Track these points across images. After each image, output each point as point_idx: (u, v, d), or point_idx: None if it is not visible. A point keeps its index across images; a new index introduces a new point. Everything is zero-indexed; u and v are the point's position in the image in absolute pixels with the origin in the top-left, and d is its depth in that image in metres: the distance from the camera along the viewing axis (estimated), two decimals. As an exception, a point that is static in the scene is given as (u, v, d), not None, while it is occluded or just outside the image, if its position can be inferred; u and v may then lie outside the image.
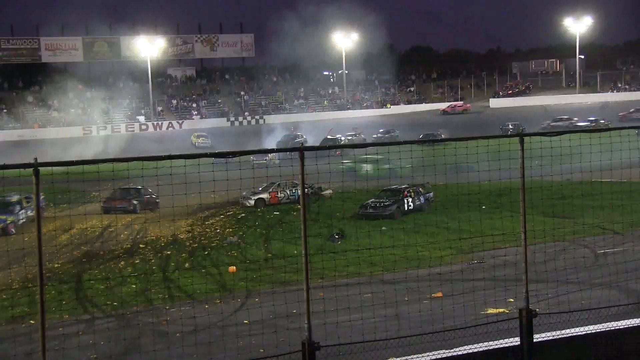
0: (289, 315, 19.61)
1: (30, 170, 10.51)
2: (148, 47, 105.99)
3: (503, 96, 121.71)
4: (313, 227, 34.67)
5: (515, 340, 12.94)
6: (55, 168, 11.84)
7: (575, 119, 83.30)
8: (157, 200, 40.64)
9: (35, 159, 10.73)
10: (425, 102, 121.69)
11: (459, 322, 16.08)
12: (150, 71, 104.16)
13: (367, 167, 42.24)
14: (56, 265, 30.65)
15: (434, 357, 12.67)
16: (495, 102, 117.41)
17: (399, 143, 14.11)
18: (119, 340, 20.55)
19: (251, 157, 47.87)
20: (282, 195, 44.15)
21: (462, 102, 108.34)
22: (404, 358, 13.24)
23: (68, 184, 13.14)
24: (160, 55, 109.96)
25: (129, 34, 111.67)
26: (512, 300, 19.75)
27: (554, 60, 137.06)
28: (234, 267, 30.08)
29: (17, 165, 10.92)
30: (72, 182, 12.69)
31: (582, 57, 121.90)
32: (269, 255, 32.38)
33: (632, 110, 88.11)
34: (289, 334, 16.72)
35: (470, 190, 30.62)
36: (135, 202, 42.40)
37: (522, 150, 12.95)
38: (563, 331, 13.51)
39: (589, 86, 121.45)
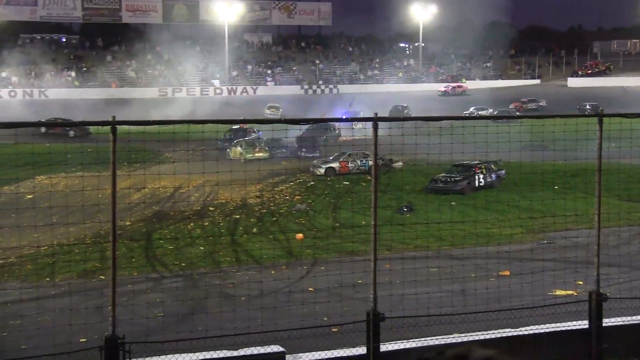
0: (355, 285, 19.65)
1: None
2: (226, 12, 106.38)
3: (582, 76, 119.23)
4: (382, 198, 34.54)
5: (583, 324, 12.75)
6: (132, 127, 11.99)
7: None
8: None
9: (113, 117, 10.87)
10: (502, 79, 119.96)
11: (526, 301, 15.92)
12: (227, 36, 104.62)
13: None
14: (127, 223, 31.16)
15: (499, 336, 12.56)
16: (573, 82, 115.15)
17: (474, 118, 13.95)
18: (186, 300, 20.83)
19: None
20: (353, 165, 44.07)
21: (460, 83, 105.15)
22: (468, 334, 13.15)
23: (144, 143, 13.30)
24: (237, 20, 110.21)
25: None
26: (581, 282, 19.50)
27: (637, 40, 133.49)
28: (302, 235, 30.20)
29: (96, 122, 11.08)
30: (148, 141, 12.84)
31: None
32: (337, 224, 32.41)
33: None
34: (353, 303, 16.76)
35: (544, 169, 30.15)
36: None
37: (601, 131, 12.69)
38: (634, 317, 13.27)
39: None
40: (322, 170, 43.44)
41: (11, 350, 15.08)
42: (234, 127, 51.93)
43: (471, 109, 74.50)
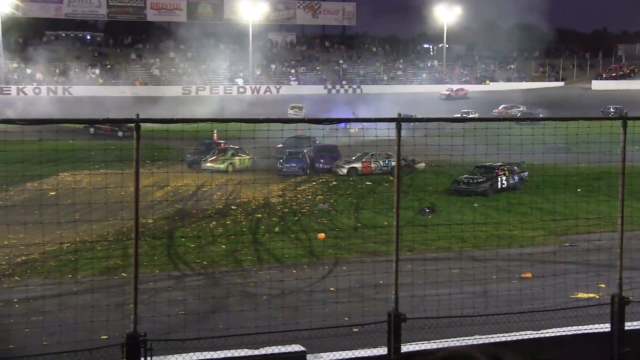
0: (376, 286, 19.62)
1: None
2: (251, 11, 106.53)
3: (606, 78, 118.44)
4: (404, 199, 34.46)
5: (605, 327, 12.67)
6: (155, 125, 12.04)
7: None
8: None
9: (137, 114, 10.90)
10: (525, 81, 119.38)
11: (548, 304, 15.84)
12: (251, 35, 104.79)
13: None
14: (150, 221, 31.28)
15: (520, 338, 12.50)
16: (597, 84, 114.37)
17: (497, 119, 13.86)
18: (207, 298, 20.88)
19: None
20: (375, 165, 44.01)
21: (462, 87, 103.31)
22: (489, 336, 13.10)
23: (167, 141, 13.35)
24: (262, 19, 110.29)
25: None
26: (603, 285, 19.36)
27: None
28: (324, 234, 30.20)
29: (120, 120, 11.13)
30: (171, 139, 12.88)
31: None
32: (359, 224, 32.40)
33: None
34: (375, 304, 16.70)
35: (567, 171, 29.98)
36: None
37: (625, 134, 12.61)
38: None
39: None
40: (345, 170, 43.46)
41: (33, 346, 15.17)
42: (206, 140, 46.88)
43: (501, 107, 73.93)
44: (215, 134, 46.43)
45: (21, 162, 15.68)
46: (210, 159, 44.75)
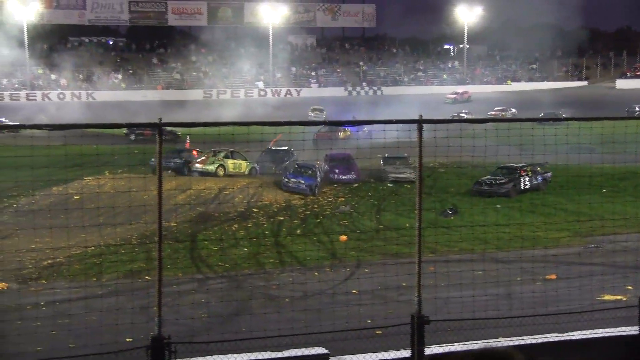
0: (399, 288, 19.59)
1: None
2: (271, 14, 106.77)
3: (631, 77, 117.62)
4: (426, 201, 34.40)
5: (633, 330, 12.57)
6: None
7: None
8: None
9: (160, 119, 10.94)
10: (548, 80, 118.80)
11: (574, 306, 15.76)
12: (271, 38, 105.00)
13: None
14: (172, 224, 31.38)
15: (546, 340, 12.43)
16: (622, 83, 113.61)
17: (520, 120, 13.79)
18: (230, 301, 20.92)
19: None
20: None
21: (467, 90, 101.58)
22: (514, 338, 13.04)
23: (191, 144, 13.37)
24: (282, 22, 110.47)
25: (253, 0, 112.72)
26: (630, 287, 19.22)
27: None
28: (345, 236, 30.17)
29: (142, 124, 11.18)
30: (194, 142, 12.92)
31: None
32: (380, 226, 32.35)
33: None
34: (398, 306, 16.71)
35: (592, 172, 29.80)
36: None
37: (650, 133, 12.53)
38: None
39: None
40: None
41: (60, 349, 15.23)
42: (178, 148, 42.69)
43: (495, 110, 73.30)
44: (188, 140, 42.81)
45: (47, 166, 15.81)
46: (199, 160, 41.35)
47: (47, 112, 71.16)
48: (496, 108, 74.49)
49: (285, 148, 44.01)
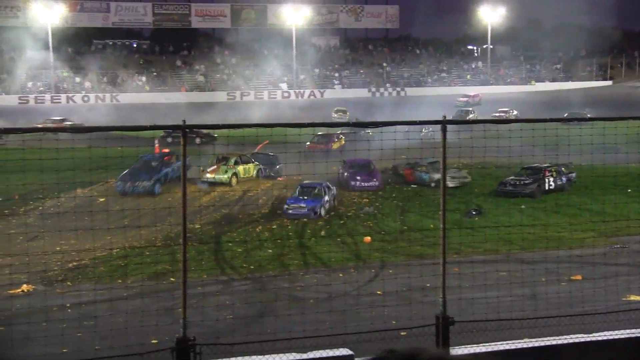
0: (423, 289, 19.53)
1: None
2: (294, 16, 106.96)
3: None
4: (450, 201, 34.30)
5: (659, 330, 12.48)
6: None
7: None
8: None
9: (184, 120, 10.99)
10: (572, 80, 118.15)
11: (600, 306, 15.68)
12: (294, 39, 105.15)
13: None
14: (197, 226, 31.49)
15: (571, 341, 12.36)
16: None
17: (543, 120, 13.74)
18: (255, 302, 20.97)
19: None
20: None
21: (477, 93, 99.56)
22: (539, 339, 12.98)
23: (213, 146, 13.43)
24: (305, 24, 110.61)
25: (276, 2, 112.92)
26: (656, 288, 19.07)
27: None
28: (369, 238, 30.16)
29: (167, 126, 11.22)
30: (218, 144, 12.96)
31: None
32: (405, 227, 32.29)
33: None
34: (422, 307, 16.65)
35: (617, 172, 29.61)
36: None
37: (677, 133, 12.43)
38: None
39: None
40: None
41: (86, 350, 15.34)
42: (145, 156, 38.65)
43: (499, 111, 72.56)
44: (157, 144, 40.07)
45: (72, 169, 15.90)
46: (210, 169, 38.21)
47: (77, 115, 71.46)
48: (499, 109, 73.87)
49: (272, 153, 41.29)
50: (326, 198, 35.18)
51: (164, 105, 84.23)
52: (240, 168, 39.47)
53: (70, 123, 58.27)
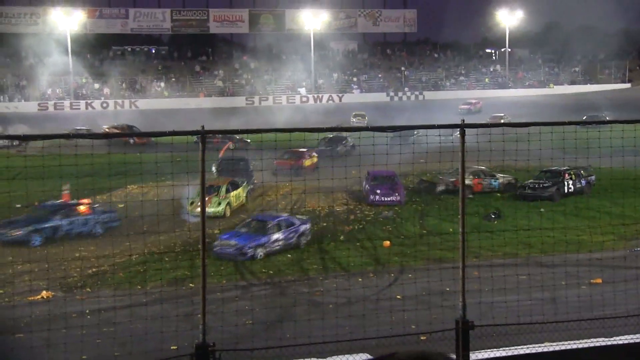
0: (443, 293, 19.51)
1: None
2: (312, 21, 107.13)
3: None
4: (469, 205, 34.22)
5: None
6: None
7: None
8: None
9: (202, 126, 11.00)
10: (590, 83, 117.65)
11: (620, 310, 15.56)
12: (312, 44, 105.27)
13: None
14: (216, 232, 31.55)
15: (592, 345, 12.30)
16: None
17: (562, 123, 13.66)
18: (274, 307, 20.97)
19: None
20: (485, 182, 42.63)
21: (478, 100, 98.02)
22: (560, 343, 12.92)
23: (232, 152, 13.45)
24: (323, 28, 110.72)
25: (294, 6, 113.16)
26: (678, 291, 18.90)
27: None
28: (389, 242, 30.12)
29: (186, 132, 11.24)
30: (235, 150, 12.98)
31: None
32: (424, 231, 32.23)
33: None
34: (442, 311, 16.63)
35: (637, 175, 29.43)
36: None
37: (697, 135, 12.35)
38: None
39: None
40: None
41: (105, 356, 15.42)
42: (46, 203, 32.19)
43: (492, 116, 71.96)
44: (65, 191, 33.22)
45: (91, 175, 15.98)
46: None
47: (104, 121, 71.67)
48: (493, 115, 73.31)
49: (241, 157, 39.62)
50: (276, 236, 29.62)
51: (186, 110, 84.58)
52: (233, 195, 36.32)
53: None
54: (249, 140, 48.83)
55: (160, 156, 16.84)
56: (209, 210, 33.00)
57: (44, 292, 23.34)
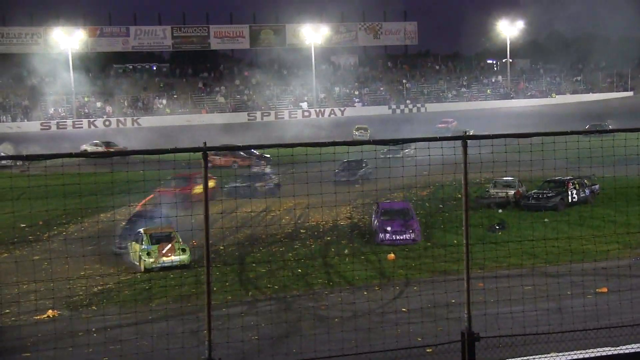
0: (448, 305, 19.46)
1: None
2: (312, 35, 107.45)
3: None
4: (473, 216, 34.18)
5: (687, 342, 12.37)
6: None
7: None
8: None
9: (205, 143, 11.04)
10: (592, 92, 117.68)
11: (626, 319, 15.53)
12: (313, 58, 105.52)
13: None
14: (220, 247, 31.55)
15: (598, 354, 12.28)
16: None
17: (565, 133, 13.69)
18: (280, 322, 20.95)
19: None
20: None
21: (453, 120, 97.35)
22: (566, 353, 12.89)
23: (235, 168, 13.48)
24: (324, 43, 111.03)
25: (295, 21, 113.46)
26: (683, 299, 18.88)
27: None
28: (393, 255, 30.10)
29: (188, 149, 11.27)
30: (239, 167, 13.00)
31: None
32: (428, 243, 32.20)
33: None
34: (448, 323, 16.58)
35: (640, 183, 29.40)
36: None
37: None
38: None
39: None
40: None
41: (112, 374, 15.42)
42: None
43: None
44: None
45: (94, 194, 16.02)
46: (164, 250, 29.46)
47: (110, 139, 71.80)
48: (443, 119, 73.53)
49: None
50: None
51: (189, 127, 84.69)
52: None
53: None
54: (268, 156, 48.35)
55: (163, 173, 16.86)
56: (178, 257, 29.74)
57: (50, 311, 23.34)
